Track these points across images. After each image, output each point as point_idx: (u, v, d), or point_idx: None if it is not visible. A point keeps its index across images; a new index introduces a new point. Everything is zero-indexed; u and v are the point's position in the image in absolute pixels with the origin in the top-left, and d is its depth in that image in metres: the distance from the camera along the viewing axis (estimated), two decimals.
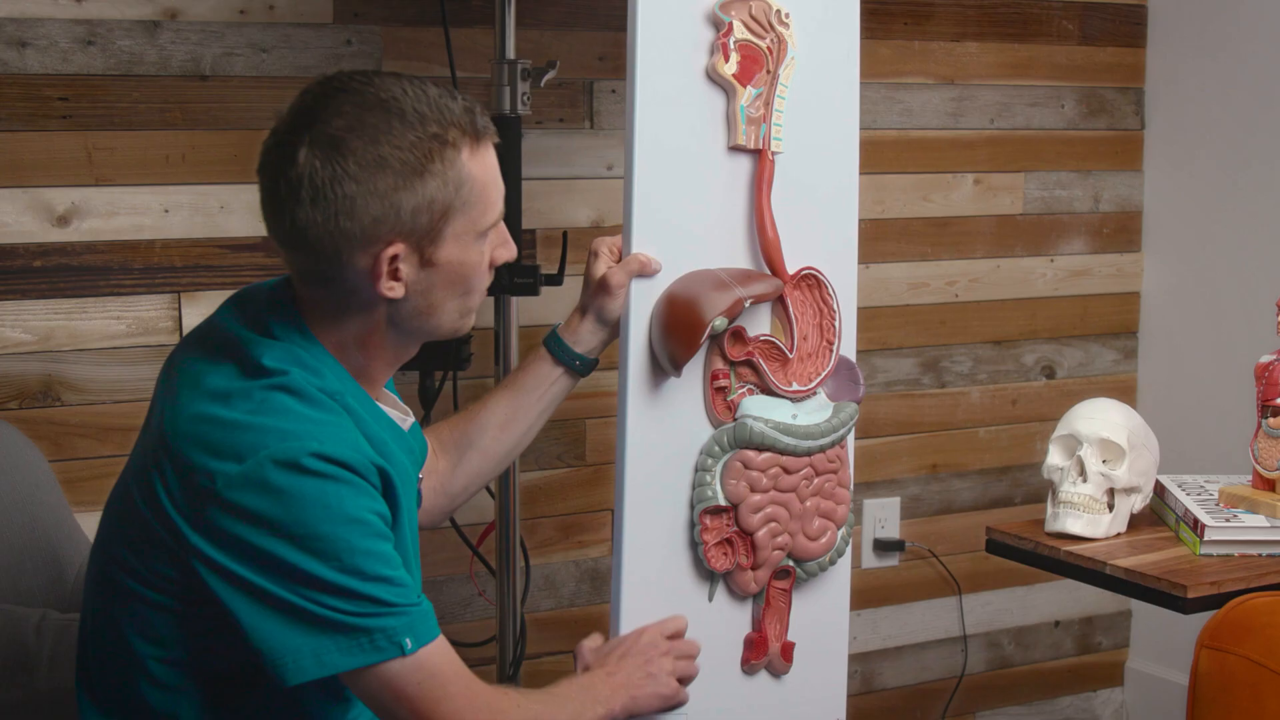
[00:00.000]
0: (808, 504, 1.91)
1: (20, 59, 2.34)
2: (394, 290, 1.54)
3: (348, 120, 1.49)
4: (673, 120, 1.85)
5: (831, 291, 1.95)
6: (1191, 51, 3.18)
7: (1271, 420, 2.22)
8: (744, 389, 1.89)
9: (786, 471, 1.89)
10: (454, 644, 2.61)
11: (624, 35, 2.75)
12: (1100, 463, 2.22)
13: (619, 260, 1.86)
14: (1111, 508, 2.23)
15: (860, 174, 2.98)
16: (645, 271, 1.83)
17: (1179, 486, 2.32)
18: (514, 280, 2.36)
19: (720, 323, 1.81)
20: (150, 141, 2.41)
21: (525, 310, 2.54)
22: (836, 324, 1.95)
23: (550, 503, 2.78)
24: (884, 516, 3.10)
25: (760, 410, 1.88)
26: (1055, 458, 2.26)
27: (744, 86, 1.88)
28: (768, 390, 1.89)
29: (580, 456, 2.80)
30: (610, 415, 2.80)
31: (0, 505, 2.00)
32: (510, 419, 1.91)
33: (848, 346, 1.98)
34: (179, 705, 1.57)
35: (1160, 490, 2.33)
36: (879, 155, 3.00)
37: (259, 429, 1.47)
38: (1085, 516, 2.21)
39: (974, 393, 3.17)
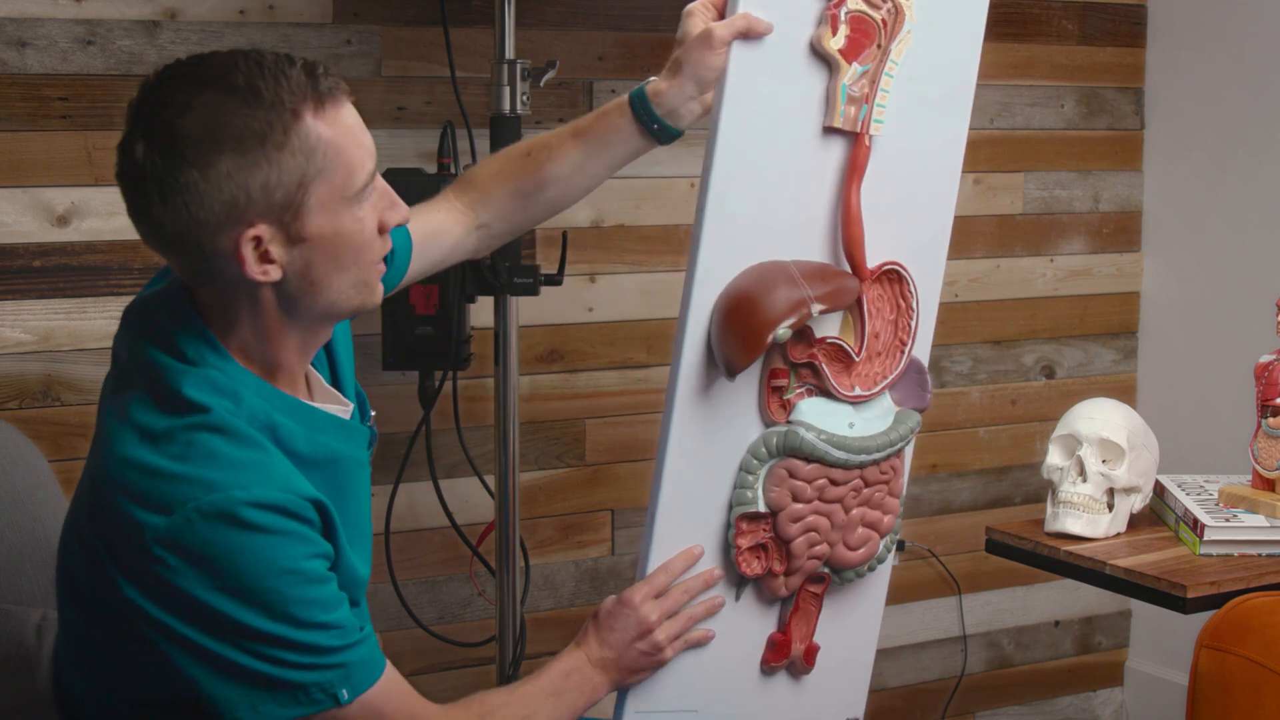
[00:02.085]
0: (853, 514, 1.80)
1: (20, 59, 2.34)
2: (268, 274, 1.44)
3: (178, 107, 1.40)
4: (765, 95, 1.69)
5: (913, 289, 1.81)
6: (1191, 51, 3.18)
7: (1271, 420, 2.22)
8: (802, 389, 1.76)
9: (834, 483, 1.77)
10: (454, 644, 2.63)
11: (623, 35, 2.76)
12: (1100, 463, 2.22)
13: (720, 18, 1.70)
14: (1111, 508, 2.23)
15: None
16: (753, 32, 1.67)
17: (1179, 486, 2.32)
18: (514, 280, 2.37)
19: (784, 333, 1.66)
20: None
21: (525, 310, 2.54)
22: (913, 324, 1.82)
23: (550, 503, 2.78)
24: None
25: (816, 416, 1.75)
26: (1055, 458, 2.26)
27: (850, 63, 1.71)
28: (827, 393, 1.77)
29: (580, 456, 2.80)
30: (610, 415, 2.80)
31: (0, 505, 2.00)
32: (577, 171, 1.80)
33: (922, 349, 1.86)
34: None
35: (1160, 490, 2.33)
36: None
37: (185, 479, 1.41)
38: (1085, 516, 2.21)
39: (974, 393, 3.17)
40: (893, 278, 1.80)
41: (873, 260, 1.78)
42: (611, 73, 2.73)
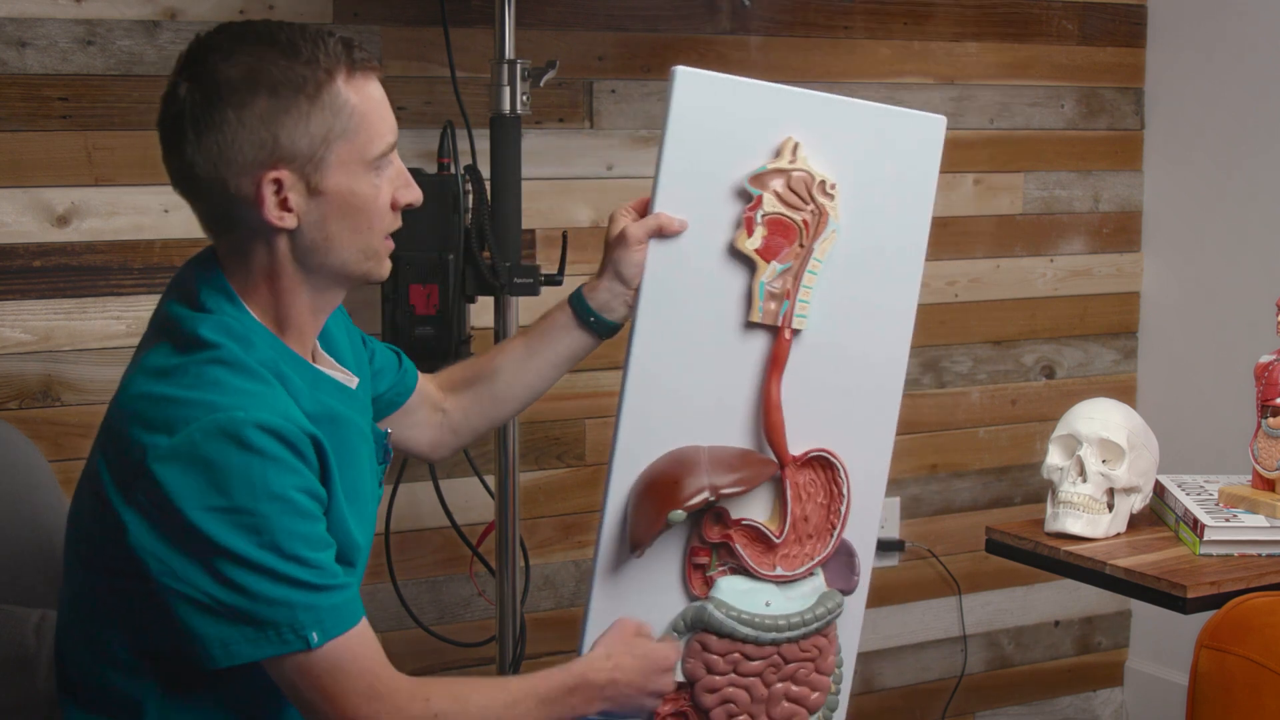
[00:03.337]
0: (775, 688, 1.84)
1: (20, 59, 2.34)
2: (284, 220, 1.55)
3: (224, 53, 1.53)
4: (684, 290, 1.81)
5: (843, 476, 1.85)
6: (1191, 51, 3.18)
7: (1271, 420, 2.22)
8: (724, 567, 1.83)
9: (748, 658, 1.82)
10: (454, 644, 2.63)
11: (623, 35, 2.76)
12: (1100, 463, 2.22)
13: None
14: (1111, 508, 2.23)
15: None
16: (666, 231, 1.79)
17: (1179, 486, 2.31)
18: (514, 280, 2.37)
19: (677, 515, 1.75)
20: (150, 141, 2.37)
21: (525, 310, 2.54)
22: (843, 509, 1.86)
23: (550, 503, 2.78)
24: (884, 516, 3.09)
25: (732, 593, 1.82)
26: (1055, 458, 2.26)
27: (768, 262, 1.80)
28: (748, 571, 1.83)
29: (580, 456, 2.80)
30: (610, 415, 2.79)
31: (0, 505, 2.00)
32: (522, 366, 1.91)
33: (860, 533, 1.88)
34: (142, 690, 1.58)
35: (1160, 490, 2.33)
36: None
37: (190, 403, 1.48)
38: (1085, 516, 2.21)
39: (974, 393, 3.17)
40: (824, 464, 1.85)
41: (806, 445, 1.84)
42: (611, 73, 2.73)
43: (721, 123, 1.80)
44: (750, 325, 1.82)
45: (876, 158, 1.86)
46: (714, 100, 1.79)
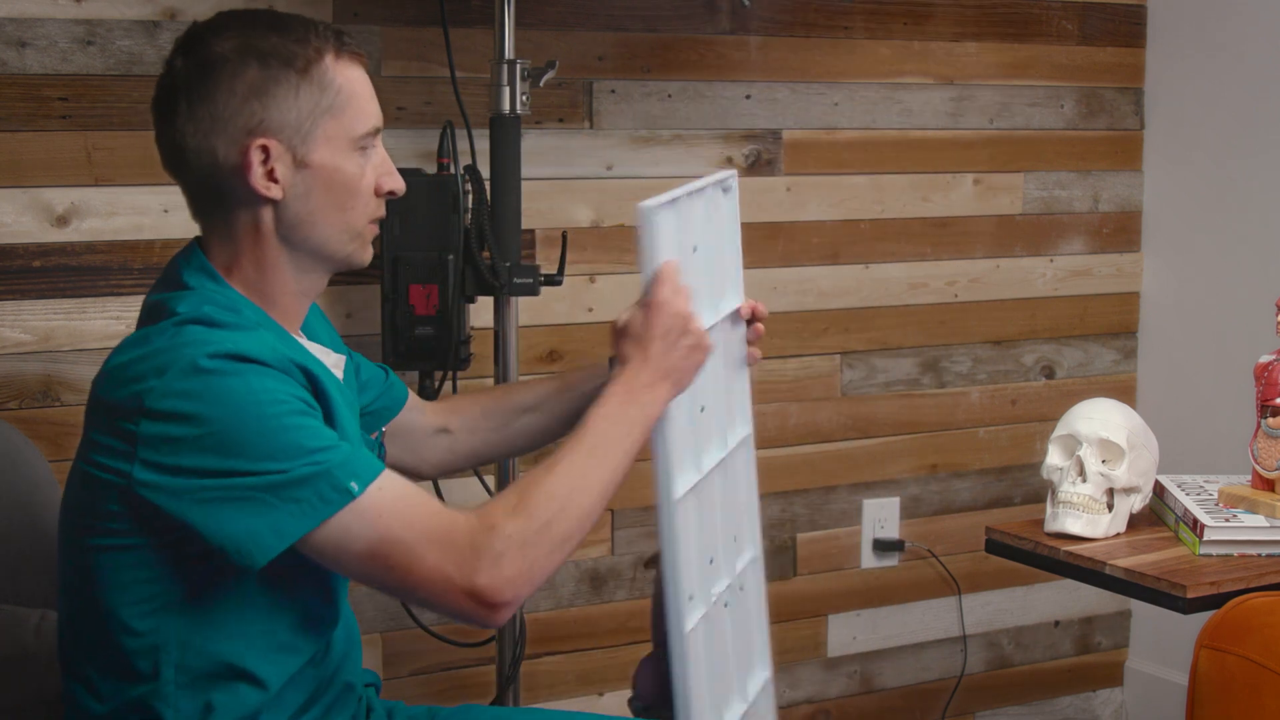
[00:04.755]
0: None
1: (20, 59, 2.34)
2: (270, 190, 1.59)
3: (217, 30, 1.61)
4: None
5: None
6: (1191, 51, 3.18)
7: (1271, 420, 2.22)
8: None
9: None
10: (454, 644, 2.63)
11: (623, 35, 2.76)
12: (1100, 463, 2.22)
13: None
14: (1111, 508, 2.23)
15: (860, 174, 2.99)
16: None
17: (1178, 486, 2.32)
18: (514, 280, 2.37)
19: None
20: (150, 141, 2.39)
21: (525, 310, 2.54)
22: None
23: None
24: (883, 516, 3.10)
25: None
26: (1055, 458, 2.26)
27: None
28: None
29: None
30: None
31: (0, 505, 2.00)
32: (546, 405, 1.96)
33: None
34: (157, 651, 1.58)
35: (1160, 490, 2.33)
36: (878, 155, 3.00)
37: (175, 348, 1.51)
38: (1085, 516, 2.21)
39: (974, 393, 3.17)
40: None
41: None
42: (611, 73, 2.73)
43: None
44: None
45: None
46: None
